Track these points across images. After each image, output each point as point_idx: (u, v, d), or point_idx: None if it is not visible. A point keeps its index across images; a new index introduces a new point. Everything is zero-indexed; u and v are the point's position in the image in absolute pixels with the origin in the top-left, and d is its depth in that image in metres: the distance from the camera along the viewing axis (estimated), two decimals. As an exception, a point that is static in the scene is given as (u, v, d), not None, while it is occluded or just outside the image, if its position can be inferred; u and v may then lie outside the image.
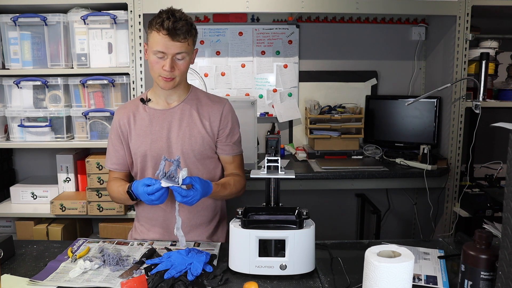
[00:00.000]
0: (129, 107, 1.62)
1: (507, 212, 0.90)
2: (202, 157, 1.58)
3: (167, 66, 1.43)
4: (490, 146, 2.82)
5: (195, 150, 1.55)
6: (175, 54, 1.44)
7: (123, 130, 1.59)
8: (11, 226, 2.60)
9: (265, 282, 1.23)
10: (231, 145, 1.61)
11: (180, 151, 1.54)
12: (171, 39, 1.40)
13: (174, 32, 1.40)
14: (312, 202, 2.89)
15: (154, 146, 1.55)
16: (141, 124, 1.57)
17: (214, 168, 1.64)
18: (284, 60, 2.83)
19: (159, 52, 1.43)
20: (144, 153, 1.57)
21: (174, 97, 1.58)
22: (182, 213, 1.57)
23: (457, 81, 2.41)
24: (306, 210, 1.29)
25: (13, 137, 2.40)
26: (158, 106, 1.58)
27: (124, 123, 1.59)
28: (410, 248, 1.39)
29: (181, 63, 1.46)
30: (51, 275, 1.26)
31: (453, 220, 2.49)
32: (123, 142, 1.60)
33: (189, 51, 1.46)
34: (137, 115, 1.58)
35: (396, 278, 0.94)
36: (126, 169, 1.64)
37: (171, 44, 1.41)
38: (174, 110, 1.57)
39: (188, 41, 1.44)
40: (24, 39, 2.33)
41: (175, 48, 1.42)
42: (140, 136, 1.57)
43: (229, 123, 1.60)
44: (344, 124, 2.70)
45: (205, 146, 1.57)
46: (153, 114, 1.57)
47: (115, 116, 1.63)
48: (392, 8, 2.37)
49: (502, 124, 0.93)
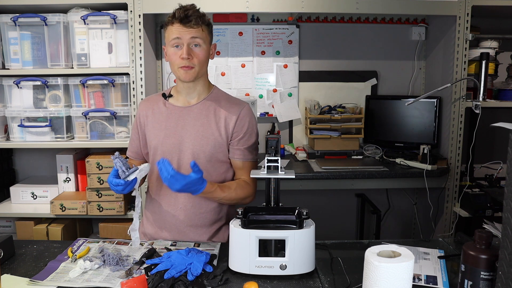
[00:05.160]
0: (151, 100, 1.65)
1: (507, 212, 0.90)
2: (213, 159, 1.56)
3: (184, 53, 1.45)
4: (490, 146, 2.83)
5: (206, 152, 1.54)
6: (190, 40, 1.46)
7: (142, 122, 1.63)
8: (11, 226, 2.60)
9: (265, 282, 1.23)
10: (243, 150, 1.57)
11: (191, 150, 1.54)
12: (184, 25, 1.45)
13: (186, 19, 1.45)
14: (312, 202, 2.89)
15: (166, 141, 1.57)
16: (158, 119, 1.59)
17: (224, 172, 1.60)
18: (284, 60, 2.83)
19: (175, 40, 1.46)
20: (155, 147, 1.59)
21: (194, 95, 1.58)
22: (185, 212, 1.58)
23: (457, 81, 2.41)
24: (306, 210, 1.29)
25: (13, 137, 2.40)
26: (178, 103, 1.60)
27: (143, 115, 1.63)
28: (410, 248, 1.39)
29: (198, 50, 1.48)
30: (51, 275, 1.26)
31: (453, 220, 2.49)
32: (140, 133, 1.65)
33: (204, 38, 1.48)
34: (156, 109, 1.61)
35: (396, 278, 0.94)
36: (141, 158, 1.69)
37: (184, 30, 1.45)
38: (191, 108, 1.58)
39: (202, 27, 1.47)
40: (24, 39, 2.33)
41: (189, 33, 1.45)
42: (155, 129, 1.59)
43: (244, 127, 1.56)
44: (344, 124, 2.70)
45: (217, 149, 1.55)
46: (171, 110, 1.59)
47: (138, 107, 1.68)
48: (392, 8, 2.37)
49: (502, 124, 0.93)
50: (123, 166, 1.35)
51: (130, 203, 2.47)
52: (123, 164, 1.35)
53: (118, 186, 1.35)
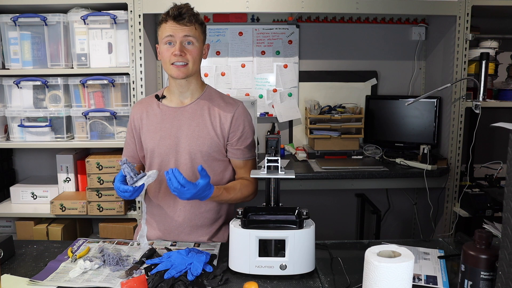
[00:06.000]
0: (145, 103, 1.64)
1: (507, 212, 0.90)
2: (210, 158, 1.56)
3: (177, 50, 1.46)
4: (490, 146, 2.82)
5: (203, 151, 1.55)
6: (183, 38, 1.47)
7: (136, 125, 1.63)
8: (11, 226, 2.60)
9: (265, 282, 1.23)
10: (242, 149, 1.58)
11: (188, 151, 1.54)
12: (177, 23, 1.46)
13: (180, 17, 1.46)
14: (312, 202, 2.89)
15: (162, 143, 1.56)
16: (153, 121, 1.59)
17: (222, 171, 1.61)
18: (284, 60, 2.83)
19: (168, 37, 1.47)
20: (152, 149, 1.58)
21: (187, 95, 1.58)
22: (184, 213, 1.57)
23: (457, 81, 2.41)
24: (306, 210, 1.29)
25: (13, 137, 2.40)
26: (172, 103, 1.60)
27: (137, 118, 1.62)
28: (410, 248, 1.39)
29: (191, 48, 1.49)
30: (51, 275, 1.26)
31: (453, 220, 2.49)
32: (135, 136, 1.64)
33: (197, 36, 1.49)
34: (150, 111, 1.61)
35: (396, 278, 0.94)
36: (137, 162, 1.68)
37: (177, 27, 1.46)
38: (185, 108, 1.57)
39: (195, 26, 1.48)
40: (24, 39, 2.33)
41: (182, 31, 1.46)
42: (150, 132, 1.59)
43: (240, 126, 1.57)
44: (344, 124, 2.70)
45: (213, 148, 1.56)
46: (166, 112, 1.59)
47: (131, 111, 1.67)
48: (392, 8, 2.37)
49: (502, 124, 0.93)
50: (131, 172, 1.35)
51: (130, 203, 2.48)
52: (131, 170, 1.35)
53: (126, 193, 1.35)
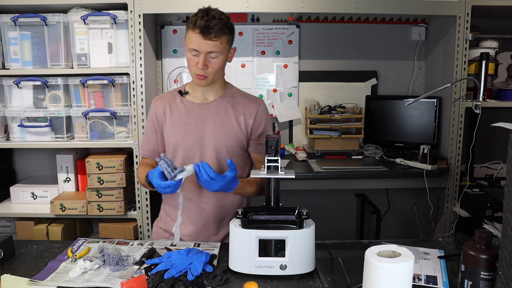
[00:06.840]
0: (167, 98, 1.65)
1: (507, 212, 0.90)
2: (234, 153, 1.61)
3: (200, 64, 1.46)
4: (490, 146, 2.82)
5: (228, 146, 1.59)
6: (208, 53, 1.47)
7: (159, 119, 1.63)
8: (11, 226, 2.60)
9: (265, 282, 1.23)
10: (263, 144, 1.61)
11: (213, 145, 1.57)
12: (203, 37, 1.44)
13: (207, 31, 1.43)
14: (312, 202, 2.89)
15: (187, 138, 1.58)
16: (178, 115, 1.61)
17: (244, 165, 1.66)
18: (284, 60, 2.83)
19: (193, 50, 1.47)
20: (176, 144, 1.60)
21: (211, 93, 1.61)
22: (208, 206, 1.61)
23: (457, 81, 2.41)
24: (306, 210, 1.29)
25: (13, 137, 2.40)
26: (195, 99, 1.62)
27: (160, 112, 1.63)
28: (410, 248, 1.39)
29: (215, 61, 1.49)
30: (51, 275, 1.26)
31: (453, 220, 2.49)
32: (157, 131, 1.65)
33: (222, 50, 1.48)
34: (174, 106, 1.62)
35: (396, 278, 0.94)
36: (156, 156, 1.67)
37: (203, 42, 1.44)
38: (210, 105, 1.60)
39: (222, 39, 1.46)
40: (24, 39, 2.33)
41: (207, 46, 1.45)
42: (174, 127, 1.60)
43: (262, 122, 1.63)
44: (344, 124, 2.70)
45: (237, 143, 1.60)
46: (190, 107, 1.61)
47: (152, 105, 1.67)
48: (392, 8, 2.37)
49: (502, 124, 0.93)
50: (169, 167, 1.37)
51: (130, 203, 2.48)
52: (168, 166, 1.37)
53: (168, 188, 1.36)
